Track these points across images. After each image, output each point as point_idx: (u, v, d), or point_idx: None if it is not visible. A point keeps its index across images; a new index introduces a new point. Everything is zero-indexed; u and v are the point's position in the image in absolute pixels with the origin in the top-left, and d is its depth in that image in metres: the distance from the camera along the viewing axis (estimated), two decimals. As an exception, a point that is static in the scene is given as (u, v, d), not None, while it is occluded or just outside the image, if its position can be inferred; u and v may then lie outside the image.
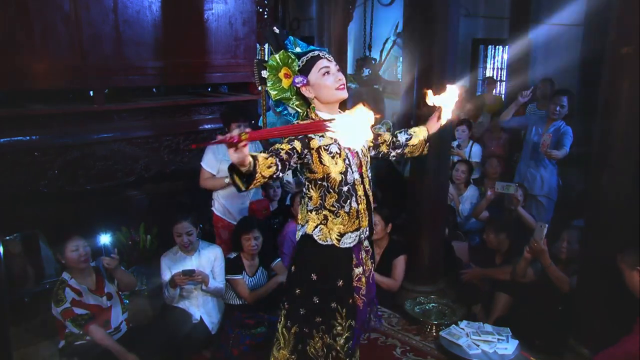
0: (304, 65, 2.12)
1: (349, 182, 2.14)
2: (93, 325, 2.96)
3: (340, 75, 2.13)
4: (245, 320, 3.39)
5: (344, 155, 2.13)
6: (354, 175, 2.15)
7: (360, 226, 2.19)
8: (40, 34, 3.53)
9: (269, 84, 2.16)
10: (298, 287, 2.24)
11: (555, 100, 4.51)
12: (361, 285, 2.27)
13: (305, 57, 2.13)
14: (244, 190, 1.91)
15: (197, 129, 4.42)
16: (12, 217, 3.49)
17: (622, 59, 2.66)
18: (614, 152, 2.76)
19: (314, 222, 2.18)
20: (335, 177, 2.11)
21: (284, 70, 2.13)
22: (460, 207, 4.68)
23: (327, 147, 2.10)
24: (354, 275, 2.24)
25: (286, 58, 2.13)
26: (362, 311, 2.28)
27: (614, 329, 2.70)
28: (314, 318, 2.22)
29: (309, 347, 2.24)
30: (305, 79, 2.10)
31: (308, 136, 2.06)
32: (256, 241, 3.53)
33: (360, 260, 2.26)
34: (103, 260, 3.12)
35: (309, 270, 2.21)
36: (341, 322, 2.22)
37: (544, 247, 3.25)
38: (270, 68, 2.14)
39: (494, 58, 8.20)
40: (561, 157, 4.41)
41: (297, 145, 2.03)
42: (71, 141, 3.75)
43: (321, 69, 2.10)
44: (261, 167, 1.87)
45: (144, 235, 4.09)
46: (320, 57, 2.12)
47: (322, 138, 2.09)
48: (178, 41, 4.18)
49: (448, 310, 3.66)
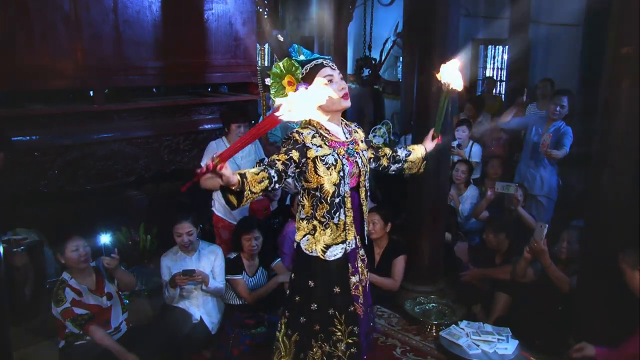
0: (307, 73, 2.13)
1: (340, 194, 2.15)
2: (93, 326, 2.96)
3: (343, 83, 2.14)
4: (245, 320, 3.39)
5: (340, 167, 2.13)
6: (346, 187, 2.16)
7: (346, 239, 2.19)
8: (40, 34, 3.53)
9: (272, 91, 2.17)
10: (298, 295, 2.25)
11: (556, 101, 4.50)
12: (359, 294, 2.26)
13: (308, 65, 2.14)
14: (237, 207, 1.92)
15: (197, 129, 4.42)
16: (12, 217, 3.49)
17: (622, 59, 2.66)
18: (614, 152, 2.76)
19: (303, 230, 2.20)
20: (329, 188, 2.12)
21: (287, 78, 2.15)
22: (460, 207, 4.68)
23: (324, 158, 2.11)
24: (351, 284, 2.24)
25: (290, 66, 2.14)
26: (363, 319, 2.28)
27: (614, 329, 2.70)
28: (312, 326, 2.22)
29: (309, 357, 2.24)
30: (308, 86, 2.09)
31: (306, 145, 2.09)
32: (256, 241, 3.53)
33: (356, 269, 2.26)
34: (103, 260, 3.12)
35: (306, 278, 2.22)
36: (340, 328, 2.22)
37: (544, 247, 3.25)
38: (273, 75, 2.15)
39: (494, 58, 8.20)
40: (561, 157, 4.40)
41: (295, 155, 2.05)
42: (71, 141, 3.75)
43: (325, 77, 2.11)
44: (250, 183, 1.88)
45: (144, 235, 4.09)
46: (324, 66, 2.14)
47: (319, 148, 2.11)
48: (178, 41, 4.18)
49: (448, 310, 3.66)
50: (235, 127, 3.65)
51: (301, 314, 2.24)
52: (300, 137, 2.11)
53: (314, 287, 2.20)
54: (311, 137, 2.13)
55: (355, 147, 2.22)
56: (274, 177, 1.97)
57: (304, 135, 2.12)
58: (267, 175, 1.94)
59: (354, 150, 2.21)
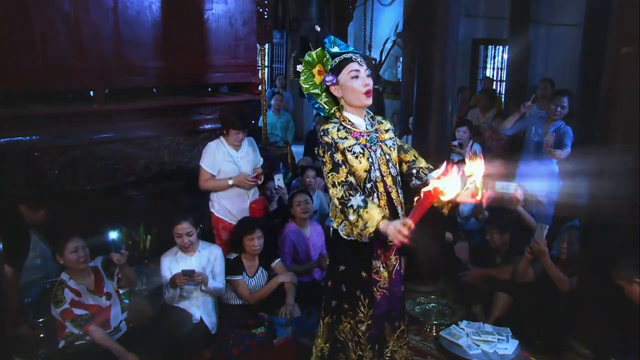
0: (336, 65, 2.24)
1: (372, 180, 2.26)
2: (93, 326, 2.96)
3: (368, 80, 2.23)
4: (245, 321, 3.39)
5: (367, 154, 2.24)
6: (376, 172, 2.27)
7: None
8: (40, 34, 3.52)
9: (302, 77, 2.29)
10: (330, 280, 2.43)
11: (556, 101, 4.51)
12: (379, 278, 2.36)
13: (338, 57, 2.25)
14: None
15: (197, 129, 4.42)
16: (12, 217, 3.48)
17: (622, 59, 2.66)
18: (613, 152, 2.76)
19: (340, 218, 2.31)
20: (360, 174, 2.24)
21: (318, 67, 2.28)
22: (460, 207, 4.68)
23: (351, 148, 2.23)
24: (372, 267, 2.34)
25: (322, 56, 2.27)
26: (379, 303, 2.37)
27: (614, 329, 2.71)
28: (342, 305, 2.37)
29: (338, 332, 2.40)
30: (335, 78, 2.22)
31: (335, 141, 2.22)
32: (259, 241, 3.53)
33: (377, 254, 2.34)
34: (113, 257, 3.11)
35: (338, 263, 2.37)
36: (363, 310, 2.35)
37: (544, 248, 3.25)
38: (305, 63, 2.29)
39: (494, 58, 8.20)
40: (564, 157, 4.41)
41: (340, 157, 2.22)
42: (71, 141, 3.74)
43: (351, 71, 2.21)
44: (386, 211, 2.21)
45: (144, 235, 4.09)
46: (352, 60, 2.23)
47: (345, 140, 2.23)
48: (178, 41, 4.18)
49: (448, 310, 3.65)
50: (234, 133, 3.65)
51: (333, 297, 2.40)
52: (329, 137, 2.23)
53: (344, 271, 2.35)
54: (336, 130, 2.25)
55: (377, 137, 2.32)
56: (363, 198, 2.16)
57: (330, 131, 2.24)
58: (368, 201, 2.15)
59: (377, 139, 2.31)
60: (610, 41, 2.74)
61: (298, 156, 6.73)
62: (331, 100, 2.33)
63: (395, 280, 2.42)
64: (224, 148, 3.70)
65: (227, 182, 3.66)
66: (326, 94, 2.31)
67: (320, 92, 2.31)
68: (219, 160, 3.67)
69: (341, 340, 2.40)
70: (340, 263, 2.36)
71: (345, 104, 2.28)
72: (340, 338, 2.40)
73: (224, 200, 3.76)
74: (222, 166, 3.68)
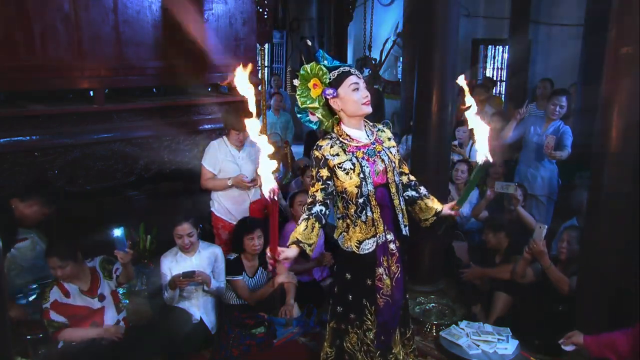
0: (334, 79, 2.29)
1: (364, 194, 2.29)
2: (63, 332, 2.96)
3: (367, 92, 2.29)
4: (245, 320, 3.39)
5: (359, 169, 2.28)
6: (369, 187, 2.29)
7: (376, 232, 2.34)
8: (40, 34, 3.52)
9: (298, 92, 2.32)
10: (337, 286, 2.47)
11: (555, 101, 4.51)
12: (382, 285, 2.39)
13: (336, 71, 2.30)
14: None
15: (197, 129, 4.41)
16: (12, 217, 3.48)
17: (622, 59, 2.66)
18: (613, 152, 2.76)
19: (339, 229, 2.40)
20: (352, 190, 2.28)
21: (313, 81, 2.30)
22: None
23: (341, 165, 2.28)
24: (376, 275, 2.38)
25: (318, 70, 2.29)
26: (383, 310, 2.39)
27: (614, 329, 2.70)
28: (349, 314, 2.41)
29: (346, 342, 2.44)
30: (335, 91, 2.27)
31: (325, 158, 2.28)
32: (259, 240, 3.54)
33: (381, 262, 2.37)
34: (117, 254, 3.11)
35: (344, 271, 2.43)
36: (370, 318, 2.39)
37: (543, 248, 3.25)
38: (301, 77, 2.32)
39: (494, 58, 8.20)
40: (565, 158, 4.41)
41: (325, 173, 2.29)
42: (71, 141, 3.74)
43: (351, 84, 2.27)
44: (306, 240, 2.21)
45: (143, 235, 4.09)
46: (351, 74, 2.30)
47: (336, 157, 2.29)
48: (178, 41, 4.17)
49: (448, 310, 3.66)
50: (235, 134, 3.68)
51: (339, 303, 2.44)
52: (320, 152, 2.30)
53: (350, 279, 2.40)
54: (329, 147, 2.31)
55: (376, 147, 2.34)
56: (321, 210, 2.27)
57: (323, 148, 2.31)
58: (314, 219, 2.23)
59: (374, 151, 2.33)
60: (610, 41, 2.74)
61: (298, 156, 6.73)
62: (328, 113, 2.36)
63: (397, 287, 2.43)
64: (225, 147, 3.72)
65: (226, 182, 3.67)
66: (324, 107, 2.34)
67: (318, 105, 2.32)
68: (220, 159, 3.68)
69: (349, 352, 2.44)
70: (347, 271, 2.41)
71: (345, 116, 2.32)
72: (348, 350, 2.44)
73: (224, 200, 3.76)
74: (223, 166, 3.68)
